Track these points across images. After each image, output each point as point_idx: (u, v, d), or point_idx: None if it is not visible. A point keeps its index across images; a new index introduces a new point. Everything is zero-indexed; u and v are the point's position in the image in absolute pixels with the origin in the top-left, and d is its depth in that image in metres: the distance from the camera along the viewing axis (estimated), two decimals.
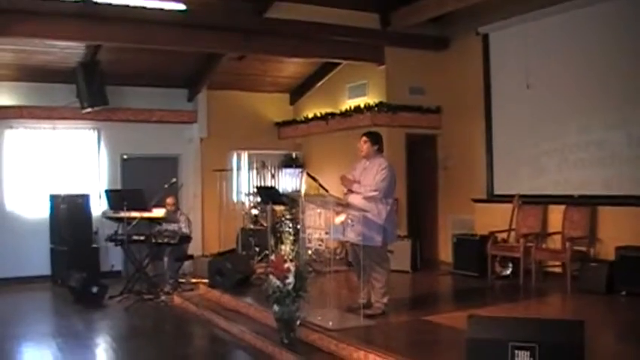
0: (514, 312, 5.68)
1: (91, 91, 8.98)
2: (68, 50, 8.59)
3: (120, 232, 7.91)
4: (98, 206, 9.40)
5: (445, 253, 9.20)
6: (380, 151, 5.88)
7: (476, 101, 8.91)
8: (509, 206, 7.92)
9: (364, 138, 5.87)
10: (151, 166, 9.95)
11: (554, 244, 7.58)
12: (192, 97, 10.47)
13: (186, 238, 8.16)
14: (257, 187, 9.77)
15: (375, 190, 5.58)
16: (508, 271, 7.69)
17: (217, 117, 10.57)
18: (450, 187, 9.45)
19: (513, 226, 7.88)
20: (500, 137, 8.65)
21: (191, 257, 8.73)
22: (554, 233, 7.59)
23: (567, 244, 7.08)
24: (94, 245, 9.19)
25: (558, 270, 7.43)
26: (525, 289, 7.13)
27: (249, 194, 10.41)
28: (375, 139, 5.86)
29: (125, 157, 9.97)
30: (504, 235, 7.91)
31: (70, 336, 6.06)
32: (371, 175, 5.70)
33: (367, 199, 5.58)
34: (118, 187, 9.55)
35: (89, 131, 9.74)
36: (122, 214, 7.66)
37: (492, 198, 8.65)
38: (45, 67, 8.93)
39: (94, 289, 7.66)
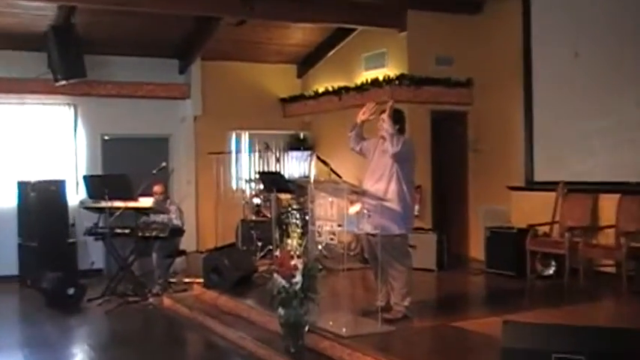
0: (557, 318, 5.63)
1: (65, 60, 8.95)
2: (37, 11, 8.53)
3: (101, 224, 7.93)
4: (75, 195, 9.44)
5: (476, 249, 9.18)
6: (401, 131, 5.84)
7: (513, 73, 8.85)
8: (551, 195, 7.87)
9: (383, 116, 5.84)
10: (136, 149, 9.98)
11: (607, 240, 7.51)
12: (184, 68, 10.47)
13: (177, 232, 8.18)
14: (259, 173, 9.80)
15: (394, 154, 5.56)
16: (550, 271, 7.66)
17: (213, 92, 10.56)
18: (482, 173, 9.42)
19: (557, 219, 7.83)
20: (542, 114, 8.58)
21: (183, 253, 8.76)
22: (607, 227, 7.52)
23: (622, 240, 7.01)
24: (71, 240, 9.23)
25: (611, 269, 7.37)
26: (571, 291, 7.09)
27: (250, 181, 10.43)
28: (396, 117, 5.81)
29: (106, 137, 10.00)
30: (546, 229, 7.87)
31: (41, 346, 6.03)
32: (386, 161, 5.70)
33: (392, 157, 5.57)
34: (99, 172, 9.60)
35: (64, 107, 9.75)
36: (103, 204, 7.68)
37: (532, 185, 8.62)
38: (10, 32, 8.89)
39: (71, 291, 7.69)
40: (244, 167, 10.92)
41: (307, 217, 8.76)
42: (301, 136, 11.17)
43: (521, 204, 8.55)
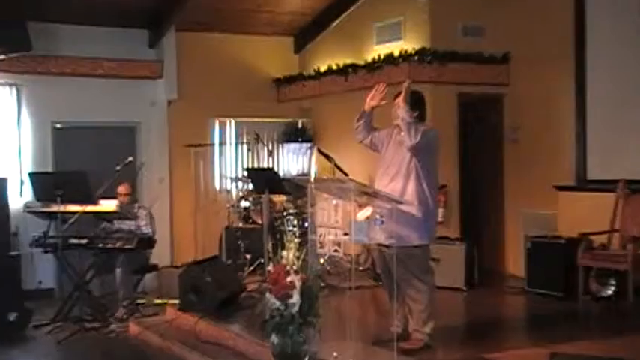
0: (618, 349, 5.66)
1: (4, 29, 8.94)
2: None
3: (51, 233, 7.93)
4: (19, 196, 9.43)
5: (514, 262, 9.20)
6: (421, 119, 5.87)
7: (562, 47, 8.85)
8: (609, 196, 7.86)
9: (398, 100, 5.82)
10: (96, 140, 9.99)
11: None
12: (155, 41, 10.48)
13: (147, 242, 8.19)
14: (248, 170, 9.79)
15: (412, 147, 5.58)
16: (609, 291, 7.63)
17: (192, 70, 10.57)
18: (521, 170, 9.43)
19: (616, 226, 7.81)
20: (598, 97, 8.59)
21: (155, 268, 8.78)
22: None
23: None
24: (13, 252, 9.15)
25: None
26: (635, 316, 7.08)
27: (237, 180, 10.44)
28: (414, 101, 5.81)
29: (59, 126, 10.01)
30: (603, 239, 7.85)
31: None
32: (403, 157, 5.72)
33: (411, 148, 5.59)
34: (49, 168, 9.61)
35: (4, 89, 9.74)
36: (55, 208, 7.68)
37: (584, 185, 8.64)
38: None
39: (12, 317, 7.67)
40: (229, 163, 10.93)
41: (306, 224, 8.82)
42: (299, 124, 11.18)
43: (571, 208, 8.54)
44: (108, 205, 8.04)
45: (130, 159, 8.57)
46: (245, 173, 10.00)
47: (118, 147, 9.84)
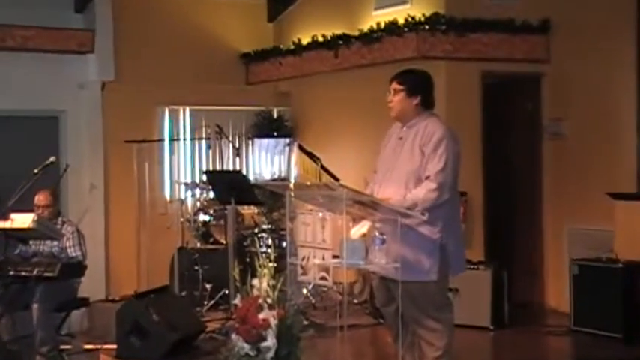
0: None
1: None
2: None
3: None
4: None
5: (557, 294, 9.28)
6: (427, 106, 5.89)
7: (620, 13, 8.90)
8: None
9: (395, 84, 5.89)
10: (6, 134, 10.02)
11: None
12: (83, 4, 10.49)
13: (74, 268, 8.16)
14: (208, 173, 9.79)
15: (433, 190, 5.62)
16: None
17: (133, 43, 10.63)
18: (566, 173, 9.47)
19: None
20: None
21: (85, 303, 8.75)
22: None
23: None
24: None
25: None
26: None
27: (193, 186, 10.46)
28: (415, 84, 5.86)
29: None
30: None
31: None
32: (412, 156, 5.75)
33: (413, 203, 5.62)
34: None
35: None
36: None
37: None
38: None
39: None
40: (184, 164, 10.99)
41: (284, 244, 8.81)
42: (274, 114, 11.24)
43: (632, 222, 8.58)
44: (22, 220, 8.01)
45: (52, 159, 8.53)
46: (204, 177, 9.99)
47: (35, 143, 9.84)
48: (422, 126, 5.78)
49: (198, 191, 10.29)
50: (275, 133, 11.11)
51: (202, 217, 9.87)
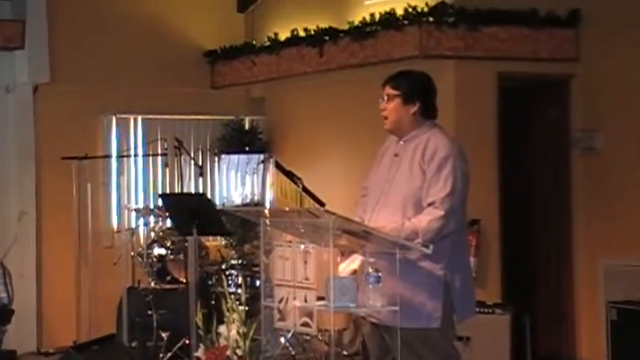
0: None
1: None
2: None
3: None
4: None
5: (591, 342, 9.27)
6: (427, 115, 5.89)
7: None
8: None
9: (388, 88, 5.89)
10: None
11: None
12: None
13: None
14: (165, 197, 9.78)
15: (438, 218, 5.60)
16: None
17: (73, 37, 10.65)
18: (601, 195, 9.47)
19: None
20: None
21: (11, 357, 8.73)
22: None
23: None
24: None
25: None
26: None
27: (146, 212, 10.42)
28: (412, 88, 5.87)
29: None
30: None
31: None
32: (410, 177, 5.74)
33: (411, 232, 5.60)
34: None
35: None
36: None
37: None
38: None
39: None
40: (135, 186, 10.99)
41: (258, 283, 8.79)
42: (246, 124, 11.28)
43: None
44: None
45: None
46: (160, 202, 9.98)
47: None
48: (422, 140, 5.78)
49: (152, 219, 10.27)
50: (247, 148, 11.10)
51: (157, 251, 9.85)
